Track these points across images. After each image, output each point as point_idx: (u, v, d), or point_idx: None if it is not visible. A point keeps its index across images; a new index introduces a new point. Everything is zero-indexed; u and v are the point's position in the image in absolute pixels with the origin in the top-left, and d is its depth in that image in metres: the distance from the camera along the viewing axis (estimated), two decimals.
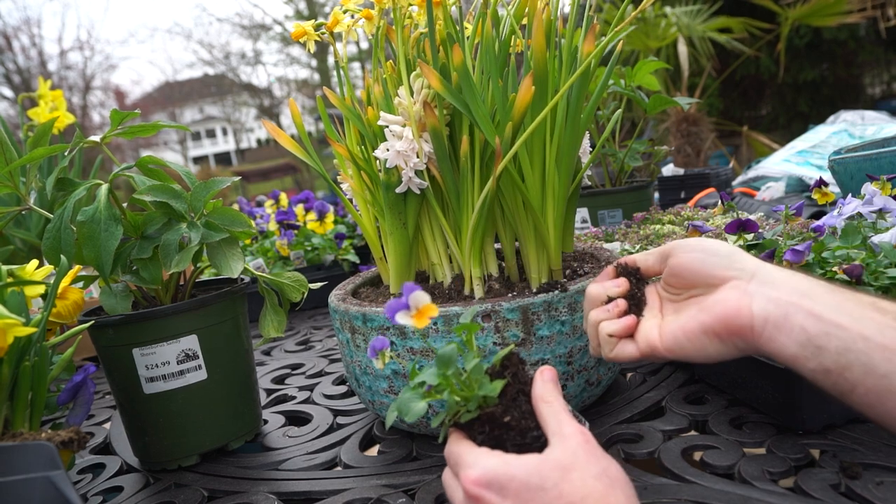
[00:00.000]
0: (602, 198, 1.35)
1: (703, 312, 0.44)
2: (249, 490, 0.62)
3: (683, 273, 0.47)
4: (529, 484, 0.36)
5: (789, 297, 0.41)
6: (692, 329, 0.44)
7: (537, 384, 0.42)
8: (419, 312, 0.40)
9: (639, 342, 0.48)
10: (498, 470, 0.37)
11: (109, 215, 0.62)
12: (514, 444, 0.40)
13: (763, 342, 0.41)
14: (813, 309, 0.39)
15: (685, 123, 3.34)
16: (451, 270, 0.71)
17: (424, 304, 0.40)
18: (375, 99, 0.72)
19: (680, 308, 0.48)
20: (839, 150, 1.09)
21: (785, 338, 0.40)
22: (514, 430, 0.40)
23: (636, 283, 0.51)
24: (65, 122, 1.34)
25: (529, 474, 0.36)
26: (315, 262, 1.48)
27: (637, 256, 0.52)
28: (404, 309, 0.40)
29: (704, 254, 0.46)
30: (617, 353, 0.49)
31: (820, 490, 0.47)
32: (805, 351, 0.39)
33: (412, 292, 0.40)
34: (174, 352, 0.64)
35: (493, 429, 0.40)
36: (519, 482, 0.36)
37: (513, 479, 0.37)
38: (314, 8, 13.78)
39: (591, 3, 0.68)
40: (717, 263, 0.45)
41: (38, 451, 0.40)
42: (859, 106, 5.19)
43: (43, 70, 14.12)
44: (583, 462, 0.37)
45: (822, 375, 0.39)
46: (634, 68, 1.34)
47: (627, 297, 0.51)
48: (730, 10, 4.22)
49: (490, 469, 0.37)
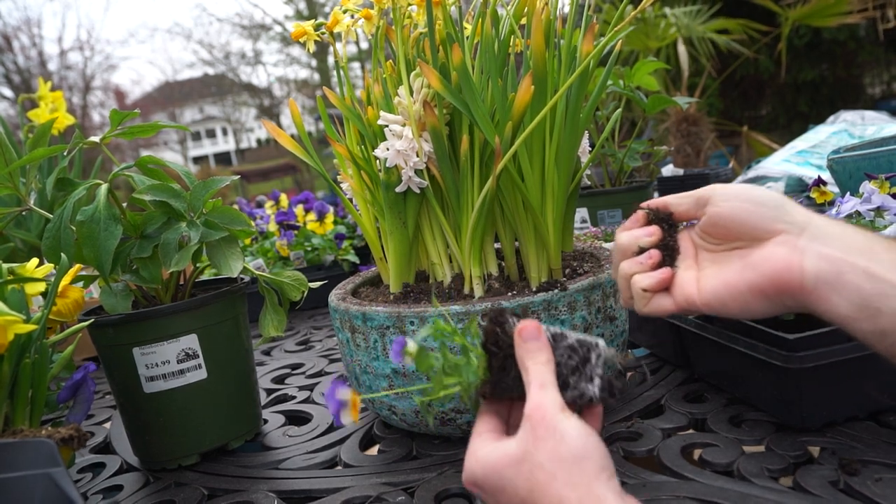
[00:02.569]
0: (601, 198, 1.35)
1: (749, 269, 0.41)
2: (249, 489, 0.62)
3: (727, 224, 0.43)
4: (494, 485, 0.38)
5: (843, 253, 0.38)
6: (736, 286, 0.42)
7: (516, 349, 0.41)
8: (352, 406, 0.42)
9: (675, 296, 0.45)
10: (474, 469, 0.39)
11: (109, 215, 0.62)
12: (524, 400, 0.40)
13: (813, 301, 0.39)
14: (869, 267, 0.37)
15: (685, 123, 3.33)
16: (451, 270, 0.71)
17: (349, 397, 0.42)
18: (375, 99, 0.72)
19: (720, 260, 0.44)
20: (838, 149, 1.09)
21: (838, 297, 0.38)
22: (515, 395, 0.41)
23: (668, 231, 0.47)
24: (64, 123, 1.34)
25: (490, 474, 0.38)
26: (315, 263, 1.48)
27: (669, 199, 0.48)
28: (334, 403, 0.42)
29: (751, 203, 0.42)
30: (652, 307, 0.46)
31: (819, 487, 0.47)
32: (860, 312, 0.37)
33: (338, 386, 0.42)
34: (174, 351, 0.64)
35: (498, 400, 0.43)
36: (489, 483, 0.38)
37: (485, 478, 0.38)
38: (314, 8, 13.79)
39: (590, 3, 0.68)
40: (764, 214, 0.42)
41: (39, 448, 0.40)
42: (859, 106, 5.18)
43: (43, 70, 14.14)
44: (532, 449, 0.36)
45: (877, 338, 0.37)
46: (633, 68, 1.34)
47: (660, 247, 0.47)
48: (729, 11, 4.21)
49: (468, 468, 0.40)
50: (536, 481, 0.35)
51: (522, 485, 0.36)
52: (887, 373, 0.56)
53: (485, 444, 0.40)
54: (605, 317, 0.65)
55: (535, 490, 0.35)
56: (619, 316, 0.67)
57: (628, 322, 0.71)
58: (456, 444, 0.64)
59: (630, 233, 0.48)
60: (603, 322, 0.64)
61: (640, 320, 0.83)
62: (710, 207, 0.45)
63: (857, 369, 0.55)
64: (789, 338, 0.53)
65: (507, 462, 0.37)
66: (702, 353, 0.70)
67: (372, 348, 0.63)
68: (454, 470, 0.59)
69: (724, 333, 0.60)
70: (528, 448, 0.37)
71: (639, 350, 0.85)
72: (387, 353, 0.62)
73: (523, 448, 0.37)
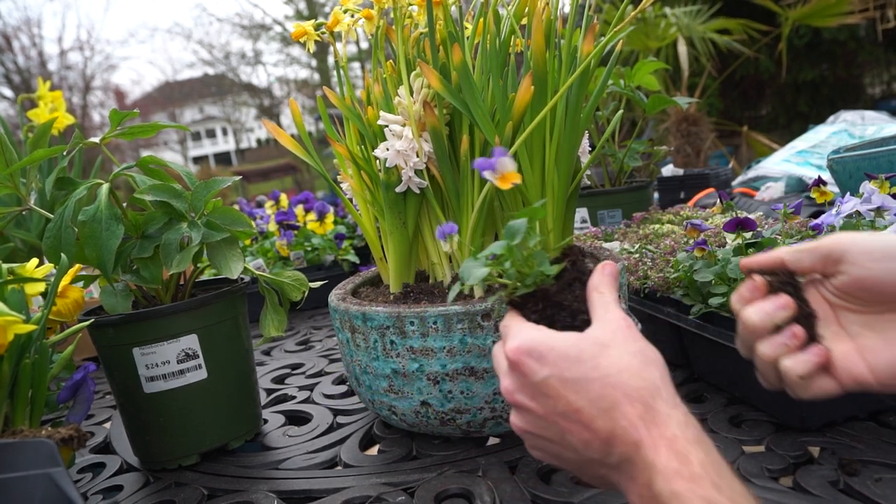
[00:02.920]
0: (601, 198, 1.35)
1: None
2: (249, 489, 0.62)
3: (882, 288, 0.38)
4: (568, 355, 0.37)
5: None
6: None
7: (595, 275, 0.42)
8: (503, 178, 0.43)
9: (839, 376, 0.39)
10: (538, 339, 0.38)
11: (110, 215, 0.62)
12: (563, 324, 0.41)
13: None
14: None
15: (685, 123, 3.33)
16: (451, 270, 0.71)
17: (510, 171, 0.43)
18: (375, 99, 0.72)
19: (878, 326, 0.39)
20: (838, 149, 1.10)
21: None
22: (565, 309, 0.41)
23: (798, 295, 0.41)
24: (64, 123, 1.34)
25: (568, 346, 0.38)
26: (315, 263, 1.48)
27: (785, 256, 0.41)
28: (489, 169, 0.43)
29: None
30: (813, 393, 0.40)
31: (819, 487, 0.47)
32: None
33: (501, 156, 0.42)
34: (174, 351, 0.64)
35: (546, 307, 0.42)
36: (557, 353, 0.37)
37: (552, 349, 0.38)
38: (314, 8, 13.78)
39: (590, 3, 0.68)
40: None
41: (39, 448, 0.40)
42: (859, 106, 5.18)
43: (43, 70, 14.13)
44: (620, 341, 0.37)
45: None
46: (634, 68, 1.34)
47: (798, 319, 0.40)
48: (729, 11, 4.21)
49: (531, 339, 0.39)
50: (629, 364, 0.36)
51: (608, 364, 0.36)
52: None
53: (542, 328, 0.40)
54: None
55: (627, 371, 0.36)
56: None
57: None
58: (456, 445, 0.64)
59: (759, 309, 0.41)
60: None
61: (639, 320, 0.82)
62: (849, 267, 0.39)
63: None
64: None
65: (591, 342, 0.37)
66: (702, 353, 0.70)
67: (372, 348, 0.63)
68: (454, 470, 0.59)
69: (725, 333, 0.60)
70: (616, 338, 0.37)
71: None
72: (387, 354, 0.62)
73: (610, 337, 0.38)
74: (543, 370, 0.37)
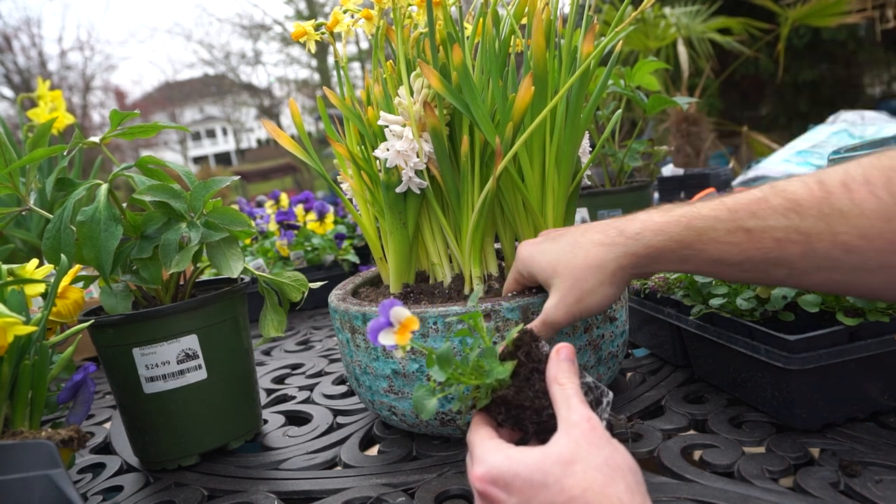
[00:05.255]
0: (602, 198, 1.35)
1: None
2: (249, 489, 0.62)
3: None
4: (533, 481, 0.37)
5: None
6: None
7: (552, 364, 0.42)
8: (402, 327, 0.40)
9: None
10: (502, 467, 0.38)
11: (109, 215, 0.62)
12: (532, 422, 0.41)
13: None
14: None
15: (685, 123, 3.34)
16: (451, 270, 0.71)
17: (406, 317, 0.40)
18: (375, 99, 0.72)
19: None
20: (838, 149, 1.09)
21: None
22: (528, 409, 0.41)
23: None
24: (64, 123, 1.34)
25: (532, 471, 0.37)
26: (315, 263, 1.48)
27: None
28: (386, 327, 0.40)
29: None
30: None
31: (819, 488, 0.47)
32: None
33: (391, 308, 0.40)
34: (174, 351, 0.64)
35: (510, 409, 0.42)
36: (522, 479, 0.37)
37: (516, 476, 0.37)
38: (314, 8, 13.79)
39: (590, 4, 0.68)
40: None
41: (38, 450, 0.40)
42: (859, 106, 5.18)
43: (43, 70, 14.13)
44: (584, 453, 0.37)
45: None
46: (634, 68, 1.34)
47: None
48: (729, 11, 4.22)
49: (494, 466, 0.38)
50: (592, 481, 0.35)
51: (573, 483, 0.36)
52: (888, 374, 0.56)
53: (506, 447, 0.39)
54: (606, 317, 0.65)
55: (590, 490, 0.35)
56: (619, 317, 0.67)
57: (628, 323, 0.71)
58: (456, 445, 0.64)
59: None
60: (603, 322, 0.64)
61: (640, 321, 0.83)
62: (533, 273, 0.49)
63: (858, 370, 0.55)
64: (790, 339, 0.53)
65: (554, 461, 0.37)
66: (702, 354, 0.69)
67: (372, 349, 0.63)
68: (454, 471, 0.59)
69: (725, 334, 0.60)
70: (579, 451, 0.37)
71: (639, 350, 0.85)
72: (387, 354, 0.62)
73: (573, 451, 0.37)
74: (511, 500, 0.37)
